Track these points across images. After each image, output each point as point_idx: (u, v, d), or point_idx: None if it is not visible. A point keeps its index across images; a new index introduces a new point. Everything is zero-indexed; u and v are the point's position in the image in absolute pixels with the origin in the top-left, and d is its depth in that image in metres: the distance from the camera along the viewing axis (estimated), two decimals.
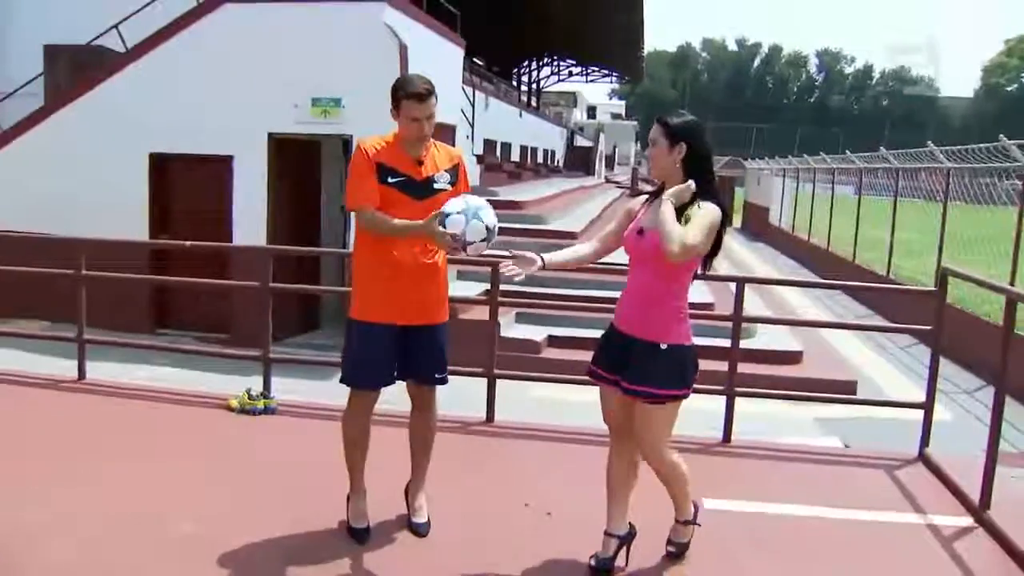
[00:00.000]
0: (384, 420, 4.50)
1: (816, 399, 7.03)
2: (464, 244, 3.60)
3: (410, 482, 4.31)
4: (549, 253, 3.84)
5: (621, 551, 3.91)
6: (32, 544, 3.96)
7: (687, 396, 3.71)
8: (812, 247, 23.30)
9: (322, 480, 4.55)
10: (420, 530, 4.17)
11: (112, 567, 3.83)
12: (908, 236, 16.72)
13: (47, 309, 9.99)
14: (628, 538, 3.92)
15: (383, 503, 4.27)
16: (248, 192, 11.12)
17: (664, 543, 4.05)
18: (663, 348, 3.61)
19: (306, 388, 7.04)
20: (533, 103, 39.88)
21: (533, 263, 3.69)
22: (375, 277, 3.97)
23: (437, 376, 4.12)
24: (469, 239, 3.58)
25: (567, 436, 5.77)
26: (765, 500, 4.79)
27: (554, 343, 10.48)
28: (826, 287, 16.44)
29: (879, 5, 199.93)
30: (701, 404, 3.90)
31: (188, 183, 11.51)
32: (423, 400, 4.21)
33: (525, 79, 41.94)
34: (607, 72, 48.15)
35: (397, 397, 4.26)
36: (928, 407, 5.59)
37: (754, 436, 5.96)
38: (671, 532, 4.06)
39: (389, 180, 3.82)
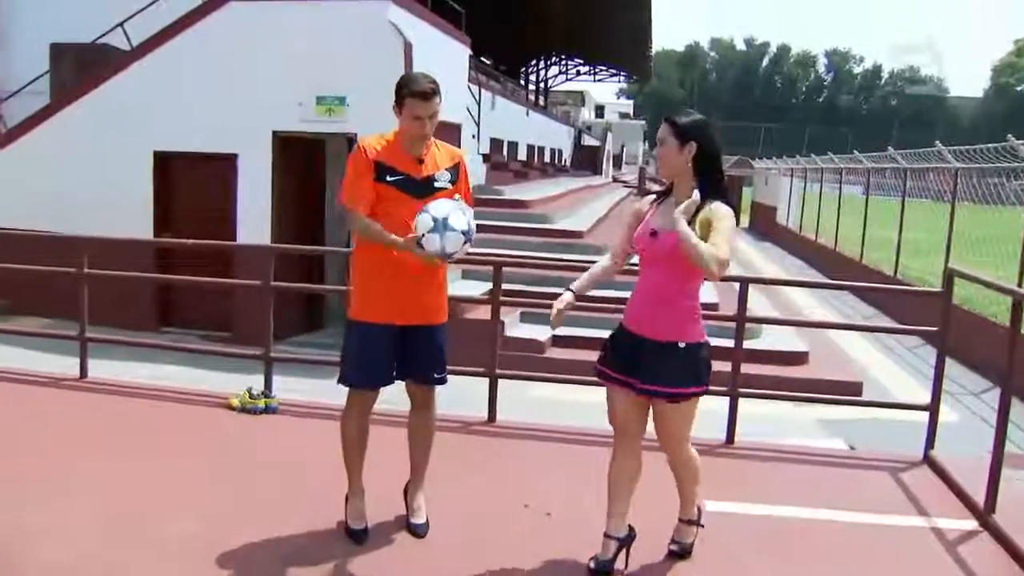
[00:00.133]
0: (383, 419, 4.47)
1: (820, 400, 6.98)
2: (446, 256, 3.66)
3: (409, 482, 4.27)
4: (575, 283, 3.94)
5: (621, 553, 3.87)
6: (31, 543, 3.93)
7: (705, 393, 3.73)
8: (819, 247, 23.23)
9: (321, 480, 4.52)
10: (418, 531, 4.14)
11: (110, 567, 3.80)
12: (916, 236, 16.64)
13: (52, 306, 9.98)
14: (628, 540, 3.88)
15: (382, 503, 4.24)
16: (252, 190, 11.12)
17: (664, 545, 4.02)
18: (681, 347, 3.59)
19: (309, 387, 7.01)
20: (540, 102, 39.79)
21: (564, 302, 3.85)
22: (375, 277, 3.94)
23: (436, 376, 4.10)
24: (449, 249, 3.63)
25: (569, 437, 5.74)
26: (768, 502, 4.74)
27: (558, 343, 10.43)
28: (831, 287, 16.34)
29: (888, 5, 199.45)
30: (705, 405, 3.85)
31: (192, 181, 11.52)
32: (422, 400, 4.19)
33: (533, 78, 41.85)
34: (615, 71, 48.06)
35: (397, 396, 4.24)
36: (933, 409, 5.54)
37: (758, 437, 5.91)
38: (675, 531, 4.04)
39: (388, 178, 3.80)
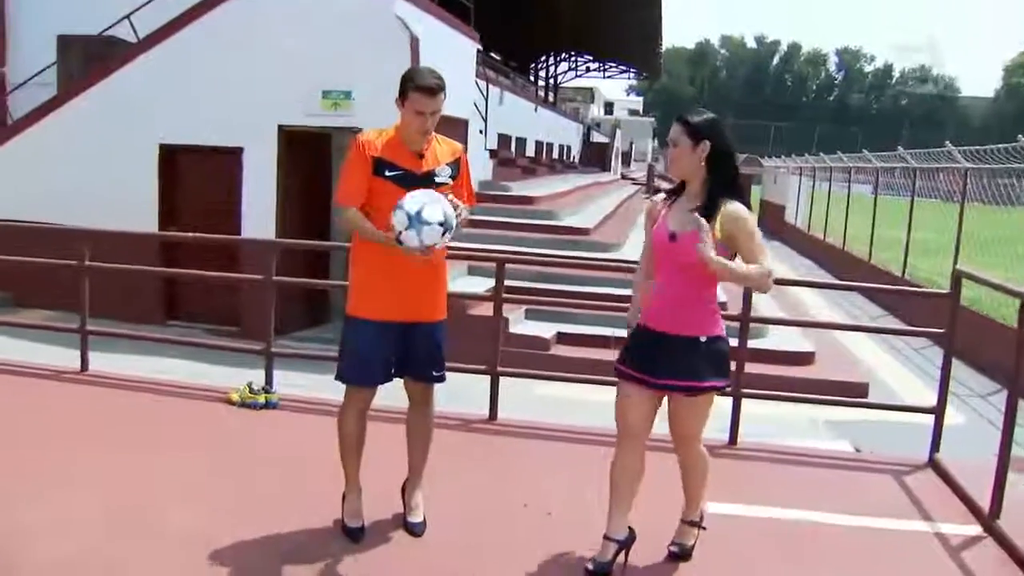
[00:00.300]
0: (382, 416, 4.43)
1: (825, 402, 6.91)
2: (426, 249, 3.62)
3: (407, 480, 4.24)
4: (630, 318, 3.92)
5: (620, 556, 3.83)
6: (30, 537, 3.91)
7: (727, 387, 3.74)
8: (827, 246, 23.11)
9: (320, 477, 4.48)
10: (416, 530, 4.10)
11: (110, 561, 3.78)
12: (925, 236, 16.54)
13: (56, 299, 9.98)
14: (627, 543, 3.83)
15: (379, 501, 4.21)
16: (257, 184, 11.10)
17: (663, 547, 3.98)
18: (702, 341, 3.58)
19: (311, 382, 6.96)
20: (550, 98, 39.71)
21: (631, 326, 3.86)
22: (373, 273, 3.91)
23: (435, 374, 4.06)
24: (428, 242, 3.60)
25: (571, 436, 5.70)
26: (770, 504, 4.69)
27: (563, 340, 10.38)
28: (839, 288, 16.21)
29: (900, 4, 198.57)
30: None
31: (198, 175, 11.50)
32: (420, 398, 4.15)
33: (542, 74, 41.80)
34: (625, 68, 47.97)
35: (395, 393, 4.19)
36: (939, 412, 5.48)
37: (762, 438, 5.86)
38: (676, 533, 4.00)
39: (387, 173, 3.76)
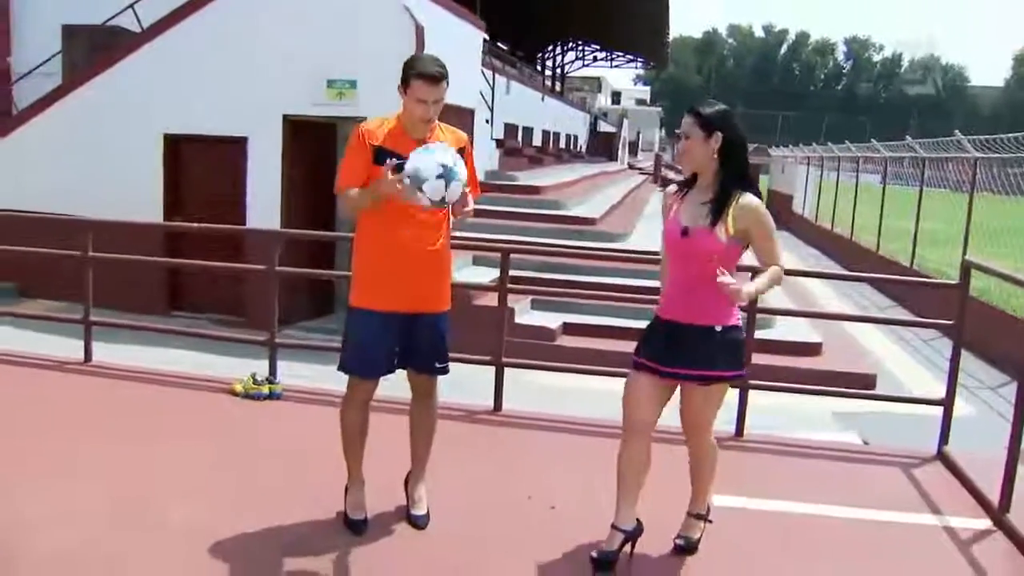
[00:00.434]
0: (385, 407, 4.39)
1: (833, 393, 6.86)
2: (438, 202, 3.57)
3: (410, 473, 4.21)
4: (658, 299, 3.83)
5: (626, 547, 3.79)
6: (31, 529, 3.89)
7: (742, 377, 3.74)
8: (835, 236, 23.01)
9: (323, 468, 4.45)
10: (419, 522, 4.07)
11: (111, 553, 3.76)
12: (934, 226, 16.44)
13: (60, 290, 9.95)
14: (634, 534, 3.79)
15: (382, 493, 4.17)
16: (262, 174, 11.07)
17: (669, 540, 3.94)
18: (717, 330, 3.55)
19: (315, 372, 6.93)
20: (556, 88, 39.60)
21: None
22: (375, 263, 3.86)
23: (438, 365, 4.01)
24: (450, 198, 3.57)
25: (576, 427, 5.65)
26: (777, 497, 4.65)
27: (569, 331, 10.34)
28: (847, 279, 16.18)
29: None
30: None
31: (202, 165, 11.48)
32: (423, 389, 4.11)
33: (549, 64, 41.68)
34: (632, 58, 47.80)
35: (399, 383, 4.15)
36: (948, 404, 5.43)
37: (769, 430, 5.82)
38: (682, 526, 3.96)
39: (388, 164, 3.69)
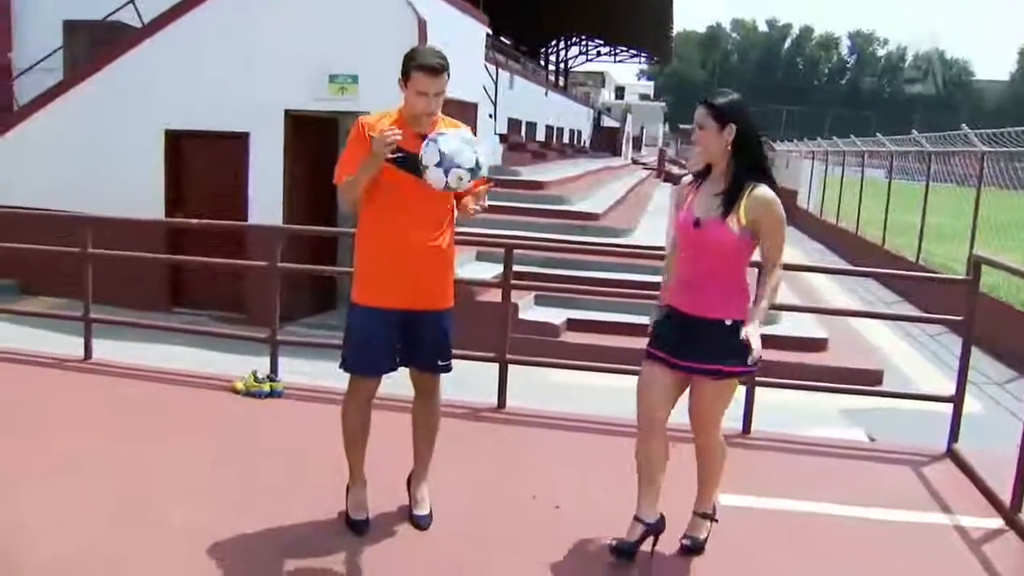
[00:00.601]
0: (387, 405, 4.32)
1: (840, 390, 6.78)
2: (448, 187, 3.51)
3: (412, 472, 4.15)
4: (660, 295, 3.84)
5: (647, 540, 3.75)
6: (31, 529, 3.85)
7: (752, 373, 3.67)
8: (840, 231, 22.92)
9: (323, 467, 4.40)
10: (421, 523, 4.01)
11: (112, 553, 3.72)
12: (940, 221, 16.34)
13: (61, 286, 9.88)
14: (656, 527, 3.75)
15: (384, 493, 4.12)
16: (264, 170, 11.00)
17: (676, 540, 3.87)
18: (727, 324, 3.52)
19: (317, 369, 6.86)
20: (560, 83, 39.51)
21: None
22: (377, 259, 3.80)
23: (440, 363, 3.95)
24: (452, 185, 3.50)
25: (582, 425, 5.59)
26: (784, 496, 4.59)
27: (573, 326, 10.28)
28: (854, 274, 16.05)
29: None
30: None
31: (204, 160, 11.42)
32: (426, 387, 4.04)
33: (553, 59, 41.58)
34: (636, 52, 47.66)
35: (402, 381, 4.09)
36: (958, 401, 5.36)
37: (776, 427, 5.74)
38: (688, 526, 3.90)
39: (388, 157, 3.63)
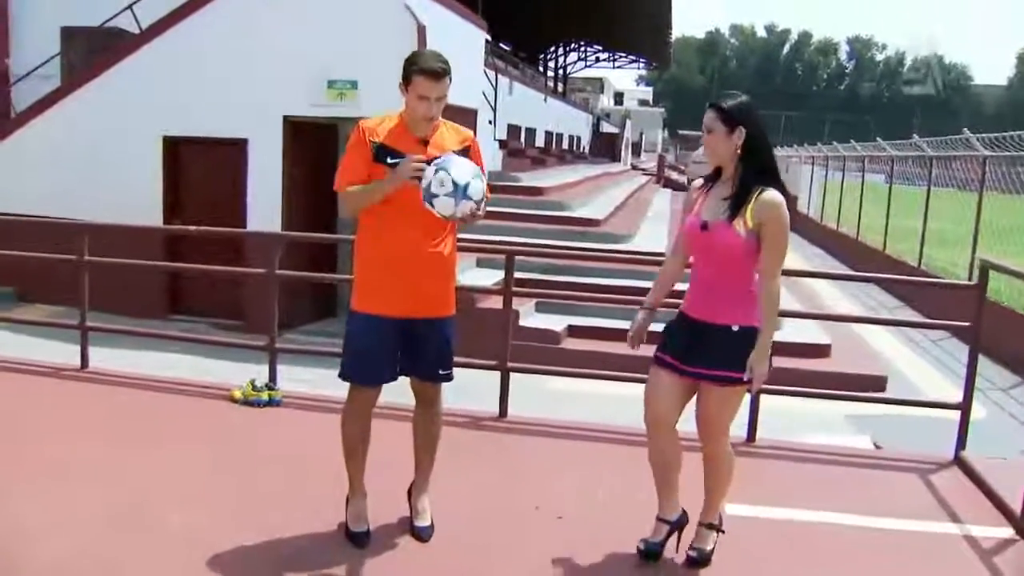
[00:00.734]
0: (388, 414, 4.26)
1: (844, 397, 6.71)
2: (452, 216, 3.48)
3: (413, 483, 4.07)
4: (647, 298, 3.79)
5: (672, 537, 3.76)
6: (27, 540, 3.80)
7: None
8: (841, 236, 22.86)
9: (323, 478, 4.33)
10: (423, 534, 3.93)
11: (107, 565, 3.66)
12: (941, 226, 16.29)
13: (59, 294, 9.79)
14: (679, 524, 3.75)
15: (385, 503, 4.04)
16: (262, 176, 10.95)
17: (680, 553, 3.81)
18: (734, 330, 3.48)
19: (317, 376, 6.83)
20: (559, 89, 39.51)
21: (638, 323, 3.75)
22: (377, 266, 3.73)
23: (442, 372, 3.88)
24: (458, 215, 3.46)
25: (585, 433, 5.51)
26: (792, 505, 4.51)
27: (574, 333, 10.21)
28: (857, 279, 15.98)
29: None
30: None
31: (202, 167, 11.38)
32: (427, 397, 3.97)
33: (551, 65, 41.60)
34: (634, 58, 47.68)
35: (402, 389, 4.02)
36: (965, 408, 5.28)
37: (779, 433, 5.68)
38: (695, 537, 3.82)
39: (388, 161, 3.57)
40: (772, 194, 3.44)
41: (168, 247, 10.95)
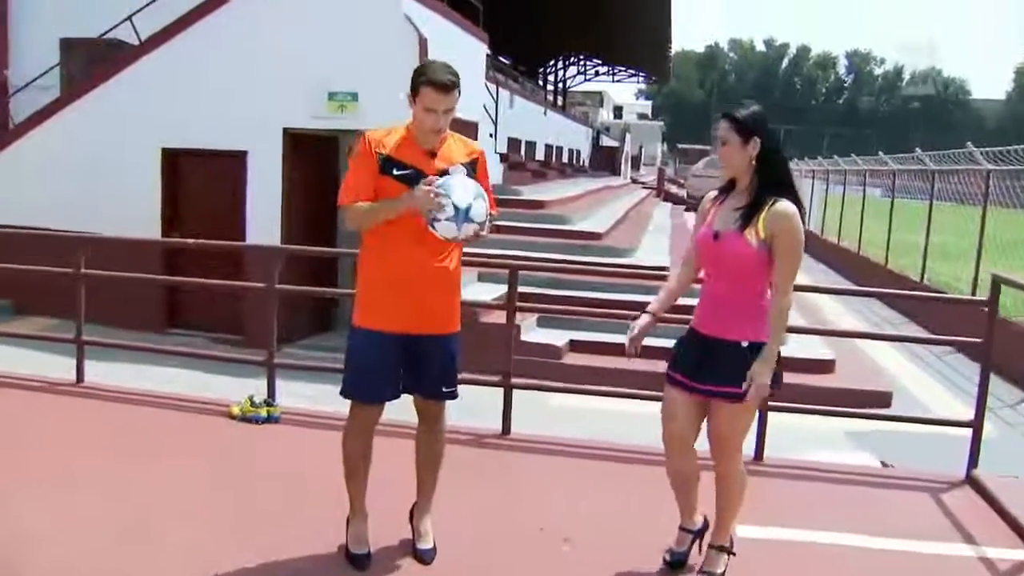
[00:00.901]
0: (390, 431, 4.16)
1: (849, 414, 6.61)
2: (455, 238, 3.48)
3: (415, 504, 3.97)
4: (651, 303, 3.73)
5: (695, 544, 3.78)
6: (27, 544, 3.77)
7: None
8: (843, 251, 22.80)
9: (322, 497, 4.23)
10: (425, 557, 3.83)
11: (105, 569, 3.64)
12: (943, 240, 16.22)
13: (56, 307, 9.64)
14: (701, 532, 3.77)
15: (386, 523, 3.94)
16: (262, 189, 10.84)
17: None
18: (743, 346, 3.42)
19: (317, 391, 6.74)
20: (559, 102, 39.52)
21: (639, 327, 3.65)
22: (380, 282, 3.64)
23: (445, 390, 3.78)
24: (462, 238, 3.47)
25: (588, 451, 5.42)
26: (801, 526, 4.42)
27: (576, 348, 10.12)
28: (862, 294, 15.87)
29: (910, 6, 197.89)
30: None
31: (201, 179, 11.26)
32: (430, 415, 3.88)
33: (551, 78, 41.61)
34: (634, 72, 47.66)
35: (406, 407, 3.92)
36: (977, 426, 5.20)
37: (781, 449, 5.57)
38: (704, 560, 3.73)
39: (395, 173, 3.49)
40: (785, 205, 3.38)
41: (166, 260, 10.85)
